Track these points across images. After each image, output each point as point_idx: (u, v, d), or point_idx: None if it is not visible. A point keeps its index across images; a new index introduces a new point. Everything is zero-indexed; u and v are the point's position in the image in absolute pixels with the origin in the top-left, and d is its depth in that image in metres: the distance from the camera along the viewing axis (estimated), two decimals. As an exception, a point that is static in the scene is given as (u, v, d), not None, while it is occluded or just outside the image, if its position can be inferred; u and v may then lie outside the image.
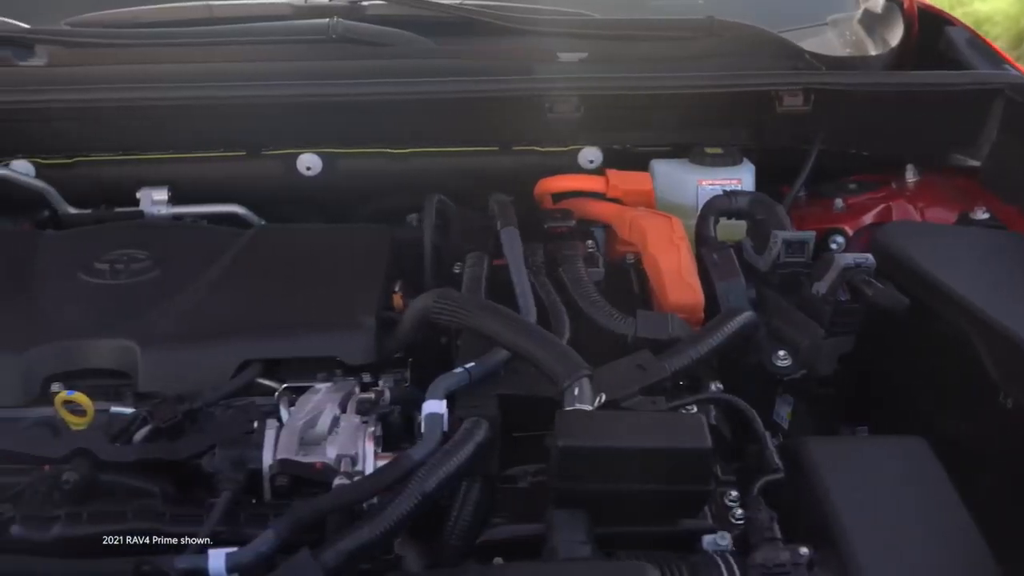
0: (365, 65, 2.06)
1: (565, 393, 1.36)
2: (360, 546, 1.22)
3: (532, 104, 1.91)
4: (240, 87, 1.93)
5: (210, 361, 1.53)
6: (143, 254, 1.73)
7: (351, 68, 2.04)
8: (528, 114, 1.94)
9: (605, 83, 1.93)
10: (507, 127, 2.00)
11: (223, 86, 1.93)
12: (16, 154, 1.99)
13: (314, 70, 2.03)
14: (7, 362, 1.51)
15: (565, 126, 1.96)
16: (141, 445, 1.43)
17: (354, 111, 1.97)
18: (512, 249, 1.69)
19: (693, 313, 1.66)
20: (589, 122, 1.95)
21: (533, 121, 1.95)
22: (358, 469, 1.37)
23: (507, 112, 1.96)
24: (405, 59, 2.10)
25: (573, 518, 1.29)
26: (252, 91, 1.92)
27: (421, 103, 1.96)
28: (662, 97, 1.94)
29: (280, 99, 1.93)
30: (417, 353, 1.63)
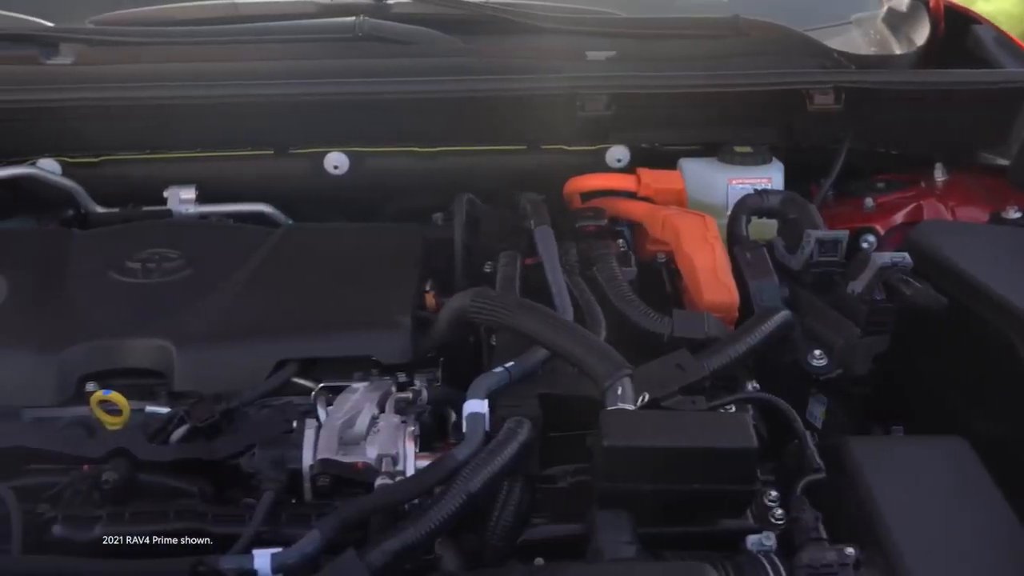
0: (391, 64, 2.05)
1: (607, 393, 1.35)
2: (406, 546, 1.21)
3: (563, 102, 1.90)
4: (268, 85, 1.91)
5: (246, 360, 1.53)
6: (175, 253, 1.72)
7: (377, 67, 2.03)
8: (558, 112, 1.93)
9: (637, 81, 1.92)
10: (536, 126, 1.99)
11: (251, 84, 1.92)
12: (43, 153, 1.98)
13: (340, 68, 2.02)
14: (42, 362, 1.50)
15: (594, 125, 1.95)
16: (179, 445, 1.43)
17: (382, 110, 1.96)
18: (547, 248, 1.68)
19: (728, 312, 1.65)
20: (618, 121, 1.94)
21: (563, 120, 1.94)
22: (398, 469, 1.36)
23: (537, 110, 1.95)
24: (431, 58, 2.08)
25: (617, 518, 1.29)
26: (280, 89, 1.91)
27: (449, 101, 1.94)
28: (692, 95, 1.93)
29: (308, 97, 1.92)
30: (447, 352, 1.62)
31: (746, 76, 1.93)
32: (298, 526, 1.30)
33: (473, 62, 2.06)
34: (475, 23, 2.15)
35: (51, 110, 1.92)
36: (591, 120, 1.92)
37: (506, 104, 1.96)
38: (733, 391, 1.53)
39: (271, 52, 2.09)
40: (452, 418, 1.56)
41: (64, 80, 1.98)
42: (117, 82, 1.96)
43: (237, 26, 2.13)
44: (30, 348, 1.52)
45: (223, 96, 1.91)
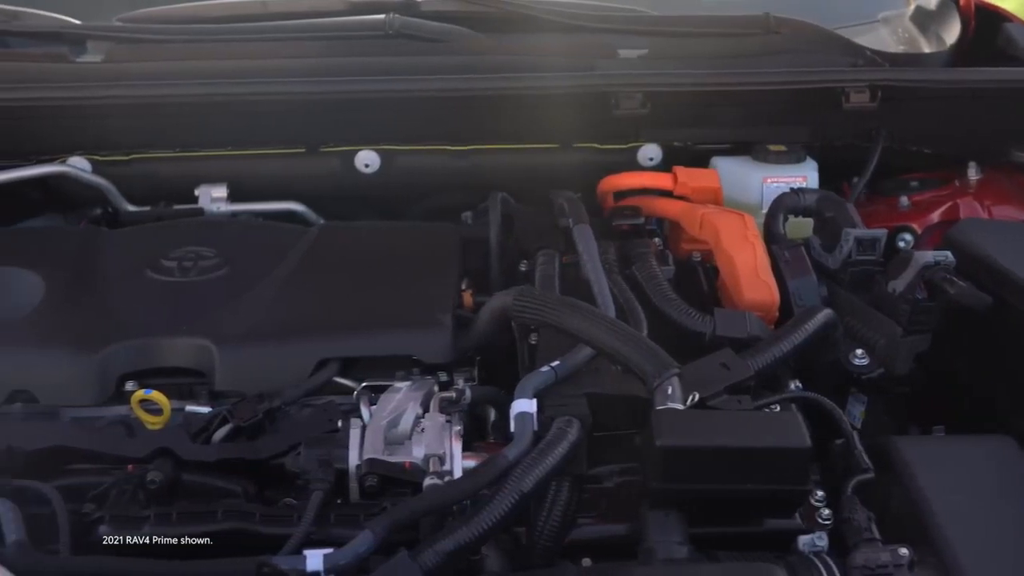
0: (421, 61, 2.04)
1: (656, 392, 1.34)
2: (459, 546, 1.20)
3: (597, 100, 1.89)
4: (300, 83, 1.90)
5: (287, 359, 1.52)
6: (210, 251, 1.72)
7: (407, 64, 2.02)
8: (592, 110, 1.91)
9: (672, 79, 1.91)
10: (568, 124, 1.98)
11: (283, 82, 1.91)
12: (73, 151, 1.96)
13: (370, 66, 2.01)
14: (82, 361, 1.49)
15: (627, 123, 1.94)
16: (222, 444, 1.42)
17: (413, 108, 1.95)
18: (587, 246, 1.67)
19: (768, 311, 1.64)
20: (650, 119, 1.92)
21: (596, 118, 1.93)
22: (445, 469, 1.35)
23: (570, 108, 1.94)
24: (461, 55, 2.07)
25: (668, 519, 1.28)
26: (312, 87, 1.90)
27: (481, 99, 1.93)
28: (728, 93, 1.92)
29: (340, 95, 1.91)
30: (483, 351, 1.61)
31: (782, 74, 1.93)
32: (346, 526, 1.29)
33: (503, 59, 2.05)
34: (504, 21, 2.14)
35: (82, 108, 1.91)
36: (625, 118, 1.91)
37: (538, 102, 1.94)
38: (775, 391, 1.53)
39: (301, 49, 2.07)
40: (491, 417, 1.56)
41: (94, 78, 1.97)
42: (147, 80, 1.95)
43: (266, 23, 2.12)
44: (69, 347, 1.51)
45: (254, 93, 1.91)
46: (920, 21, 2.33)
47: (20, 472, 1.37)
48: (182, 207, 1.95)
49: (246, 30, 2.10)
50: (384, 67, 2.01)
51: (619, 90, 1.87)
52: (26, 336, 1.54)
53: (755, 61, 2.03)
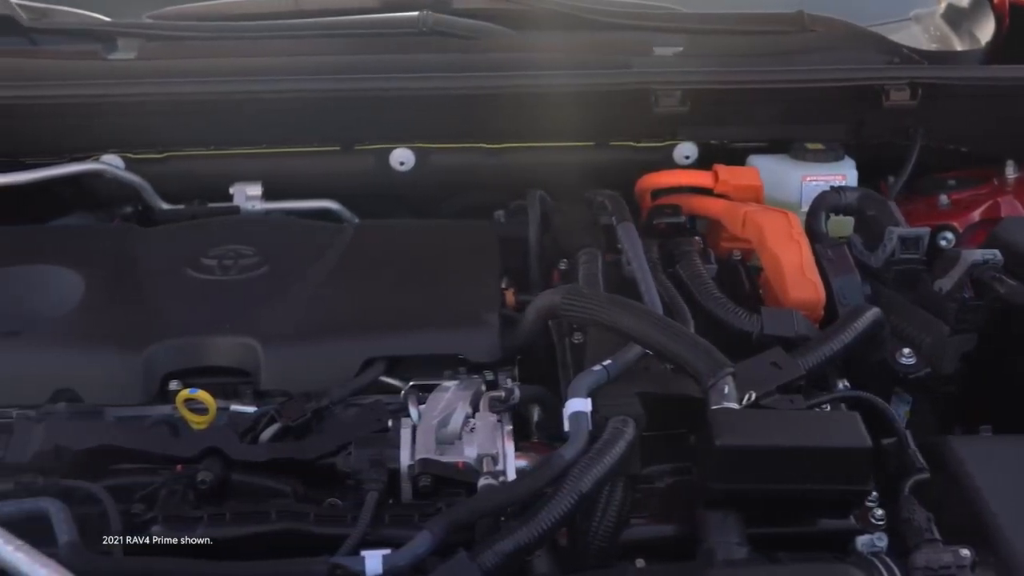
0: (454, 59, 2.03)
1: (710, 392, 1.33)
2: (519, 547, 1.19)
3: (637, 97, 1.88)
4: (336, 80, 1.89)
5: (333, 358, 1.50)
6: (250, 250, 1.70)
7: (440, 62, 2.01)
8: (630, 108, 1.90)
9: (712, 77, 1.90)
10: (606, 121, 1.97)
11: (319, 79, 1.90)
12: (107, 149, 1.95)
13: (403, 63, 2.00)
14: (127, 361, 1.48)
15: (665, 121, 1.93)
16: (271, 444, 1.41)
17: (449, 105, 1.94)
18: (633, 245, 1.66)
19: (814, 310, 1.63)
20: (688, 117, 1.91)
21: (634, 115, 1.92)
22: (498, 468, 1.34)
23: (608, 106, 1.93)
24: (494, 53, 2.07)
25: (726, 519, 1.27)
26: (348, 84, 1.89)
27: (518, 97, 1.92)
28: (768, 91, 1.91)
29: (376, 92, 1.90)
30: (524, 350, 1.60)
31: (822, 71, 1.92)
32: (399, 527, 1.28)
33: (537, 57, 2.04)
34: (537, 18, 2.14)
35: (116, 105, 1.90)
36: (664, 116, 1.89)
37: (574, 99, 1.93)
38: (824, 390, 1.52)
39: (333, 46, 2.07)
40: (535, 417, 1.54)
41: (128, 75, 1.96)
42: (181, 77, 1.94)
43: (299, 20, 2.10)
44: (114, 347, 1.50)
45: (290, 91, 1.89)
46: (952, 19, 2.32)
47: (66, 472, 1.35)
48: (217, 205, 1.93)
49: (278, 27, 2.09)
50: (417, 64, 2.00)
51: (659, 87, 1.86)
52: (69, 335, 1.52)
53: (791, 59, 2.02)
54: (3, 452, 1.36)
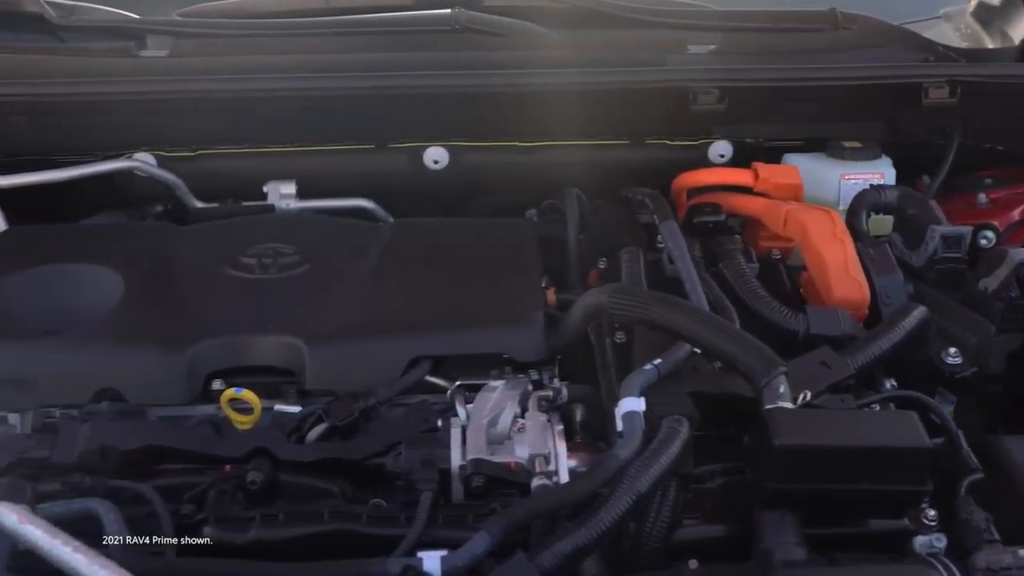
0: (486, 56, 2.02)
1: (764, 391, 1.32)
2: (578, 548, 1.18)
3: (675, 95, 1.86)
4: (371, 78, 1.88)
5: (379, 358, 1.49)
6: (289, 248, 1.69)
7: (473, 59, 1.99)
8: (667, 106, 1.89)
9: (751, 75, 1.89)
10: (642, 119, 1.96)
11: (353, 77, 1.89)
12: (140, 146, 1.93)
13: (436, 61, 1.99)
14: (171, 360, 1.47)
15: (702, 119, 1.92)
16: (319, 444, 1.39)
17: (484, 103, 1.93)
18: (676, 243, 1.65)
19: (858, 309, 1.62)
20: (724, 115, 1.90)
21: (671, 113, 1.91)
22: (551, 469, 1.33)
23: (645, 104, 1.91)
24: (527, 50, 2.05)
25: (783, 519, 1.26)
26: (384, 82, 1.87)
27: (554, 95, 1.91)
28: (806, 89, 1.90)
29: (411, 90, 1.88)
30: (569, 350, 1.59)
31: (861, 69, 1.91)
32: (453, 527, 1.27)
33: (571, 55, 2.03)
34: (569, 16, 2.13)
35: (149, 102, 1.89)
36: (701, 114, 1.88)
37: (611, 97, 1.92)
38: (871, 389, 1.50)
39: (364, 44, 2.05)
40: (578, 416, 1.53)
41: (160, 72, 1.94)
42: (213, 74, 1.93)
43: (329, 18, 2.09)
44: (157, 346, 1.48)
45: (325, 89, 1.88)
46: (983, 17, 2.31)
47: (112, 472, 1.34)
48: (252, 204, 1.92)
49: (309, 24, 2.07)
50: (450, 62, 1.98)
51: (697, 85, 1.85)
52: (111, 334, 1.51)
53: (826, 56, 2.01)
54: (48, 452, 1.34)
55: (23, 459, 1.34)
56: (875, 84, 1.89)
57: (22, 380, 1.45)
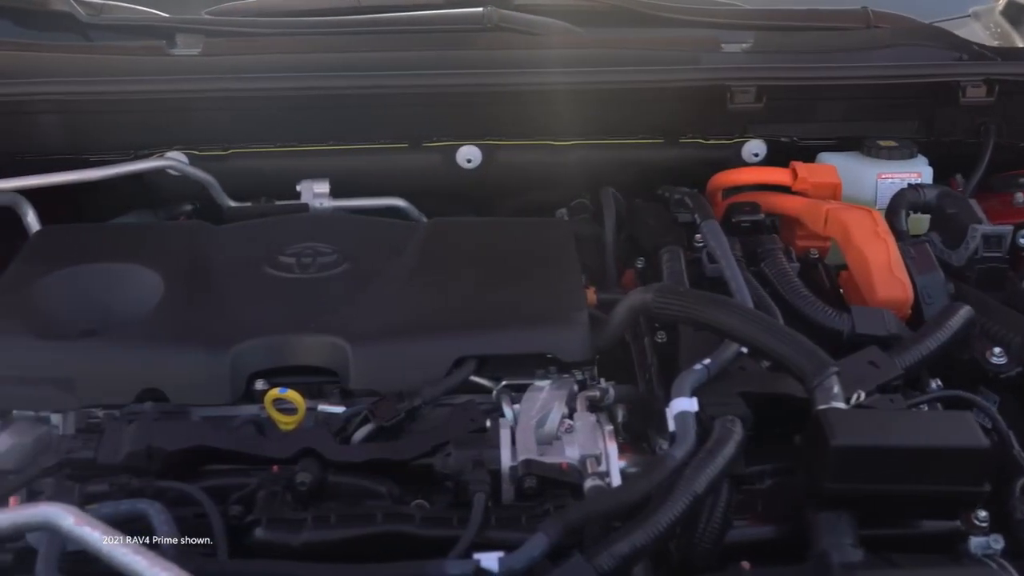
0: (518, 55, 2.01)
1: (816, 391, 1.31)
2: (635, 550, 1.17)
3: (712, 94, 1.86)
4: (408, 77, 1.87)
5: (424, 358, 1.48)
6: (328, 247, 1.68)
7: (505, 58, 1.98)
8: (704, 104, 1.88)
9: (792, 73, 1.88)
10: (677, 118, 1.95)
11: (387, 75, 1.88)
12: (172, 145, 1.92)
13: (468, 60, 1.98)
14: (214, 360, 1.45)
15: (738, 118, 1.91)
16: (367, 445, 1.38)
17: (518, 102, 1.92)
18: (719, 242, 1.64)
19: (902, 308, 1.62)
20: (762, 114, 1.89)
21: (707, 112, 1.90)
22: (602, 469, 1.32)
23: (681, 102, 1.91)
24: (560, 49, 2.04)
25: (839, 520, 1.24)
26: (421, 80, 1.86)
27: (588, 93, 1.90)
28: (840, 88, 1.89)
29: (446, 88, 1.88)
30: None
31: (898, 68, 1.90)
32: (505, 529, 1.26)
33: (605, 53, 2.02)
34: (600, 15, 2.12)
35: (182, 101, 1.88)
36: (737, 112, 1.87)
37: (646, 96, 1.91)
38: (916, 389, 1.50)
39: (396, 43, 2.04)
40: (619, 417, 1.52)
41: (193, 71, 1.93)
42: (246, 73, 1.92)
43: (360, 16, 2.08)
44: (200, 346, 1.47)
45: (359, 88, 1.87)
46: (1012, 15, 2.30)
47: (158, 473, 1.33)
48: (285, 203, 1.91)
49: (341, 23, 2.06)
50: (482, 61, 1.98)
51: (734, 84, 1.84)
52: (153, 334, 1.50)
53: (861, 55, 2.00)
54: (94, 453, 1.33)
55: (68, 460, 1.33)
56: (913, 83, 1.88)
57: (64, 380, 1.44)
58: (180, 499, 1.29)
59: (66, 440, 1.37)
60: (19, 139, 1.92)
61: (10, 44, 2.04)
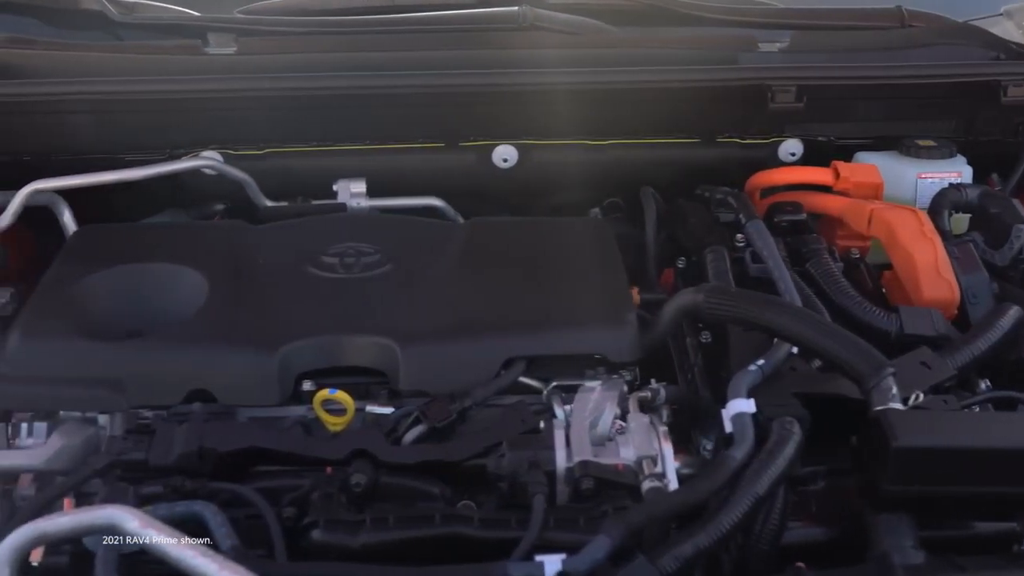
0: (552, 54, 2.00)
1: (873, 392, 1.30)
2: (698, 551, 1.16)
3: (753, 94, 1.85)
4: (446, 76, 1.86)
5: (473, 358, 1.47)
6: (370, 247, 1.67)
7: (539, 57, 1.97)
8: (744, 104, 1.87)
9: (829, 72, 1.87)
10: (716, 118, 1.94)
11: (427, 75, 1.87)
12: (207, 145, 1.91)
13: (502, 59, 1.97)
14: (263, 361, 1.45)
15: (776, 117, 1.90)
16: (420, 446, 1.38)
17: (554, 101, 1.91)
18: (765, 242, 1.63)
19: (947, 309, 1.61)
20: (801, 113, 1.88)
21: (746, 111, 1.89)
22: (658, 471, 1.31)
23: (720, 102, 1.90)
24: (595, 48, 2.04)
25: (899, 522, 1.24)
26: (458, 80, 1.85)
27: (626, 93, 1.89)
28: (880, 87, 1.88)
29: (483, 88, 1.87)
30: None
31: (939, 67, 1.89)
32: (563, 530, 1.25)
33: (641, 53, 2.01)
34: (635, 14, 2.11)
35: (218, 100, 1.87)
36: (777, 112, 1.86)
37: (684, 95, 1.90)
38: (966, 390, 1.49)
39: (430, 42, 2.03)
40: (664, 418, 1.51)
41: (229, 70, 1.92)
42: (283, 72, 1.91)
43: (395, 16, 2.07)
44: (249, 347, 1.46)
45: (396, 87, 1.86)
46: (1045, 13, 2.30)
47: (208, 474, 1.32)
48: (323, 202, 1.90)
49: (375, 22, 2.05)
50: (517, 60, 1.96)
51: (775, 83, 1.83)
52: (202, 335, 1.49)
53: (899, 54, 1.99)
54: (145, 454, 1.33)
55: (120, 461, 1.32)
56: (954, 82, 1.87)
57: (113, 381, 1.43)
58: (232, 500, 1.28)
59: (116, 441, 1.36)
60: (53, 138, 1.91)
61: (42, 43, 2.03)
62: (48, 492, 1.30)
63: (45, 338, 1.48)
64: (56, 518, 1.12)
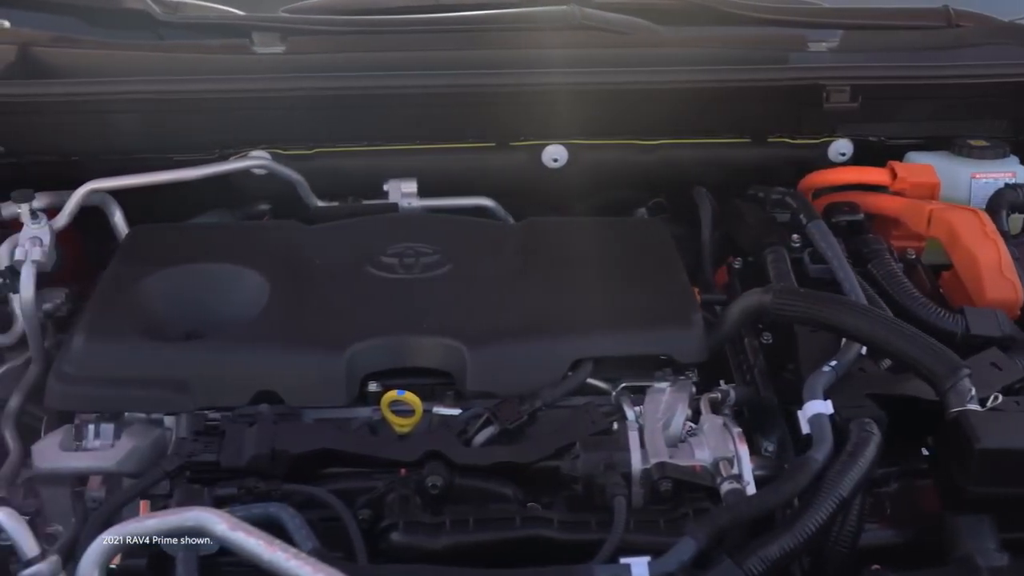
0: (601, 54, 1.99)
1: (949, 393, 1.30)
2: (784, 553, 1.16)
3: (807, 93, 1.84)
4: (498, 75, 1.85)
5: (542, 359, 1.46)
6: (429, 248, 1.66)
7: (589, 57, 1.96)
8: (798, 103, 1.87)
9: (884, 72, 1.86)
10: (768, 117, 1.93)
11: (478, 74, 1.86)
12: (256, 144, 1.90)
13: (552, 58, 1.96)
14: (330, 362, 1.44)
15: (827, 117, 1.89)
16: (492, 447, 1.37)
17: (604, 101, 1.90)
18: (829, 243, 1.63)
19: (1011, 310, 1.60)
20: (855, 113, 1.88)
21: (800, 111, 1.89)
22: (735, 472, 1.30)
23: (773, 101, 1.89)
24: (645, 48, 2.03)
25: (981, 524, 1.24)
26: (510, 79, 1.85)
27: (676, 92, 1.88)
28: (933, 87, 1.88)
29: (533, 87, 1.86)
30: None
31: (992, 67, 1.88)
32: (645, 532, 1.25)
33: (691, 52, 2.01)
34: (683, 14, 2.10)
35: (268, 99, 1.86)
36: (830, 112, 1.86)
37: (735, 95, 1.90)
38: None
39: (478, 41, 2.02)
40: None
41: (279, 69, 1.91)
42: (331, 71, 1.90)
43: (443, 15, 2.06)
44: (316, 348, 1.46)
45: (448, 87, 1.86)
46: (1091, 15, 2.29)
47: (281, 475, 1.32)
48: (374, 202, 1.89)
49: (422, 21, 2.04)
50: (566, 59, 1.96)
51: (829, 83, 1.82)
52: (267, 336, 1.48)
53: (950, 54, 1.99)
54: (216, 456, 1.32)
55: (191, 462, 1.31)
56: (1004, 82, 1.87)
57: (179, 382, 1.42)
58: (306, 502, 1.28)
59: (185, 443, 1.35)
60: (101, 139, 1.90)
61: (87, 42, 2.02)
62: (122, 494, 1.29)
63: (109, 339, 1.47)
64: (142, 520, 1.12)
